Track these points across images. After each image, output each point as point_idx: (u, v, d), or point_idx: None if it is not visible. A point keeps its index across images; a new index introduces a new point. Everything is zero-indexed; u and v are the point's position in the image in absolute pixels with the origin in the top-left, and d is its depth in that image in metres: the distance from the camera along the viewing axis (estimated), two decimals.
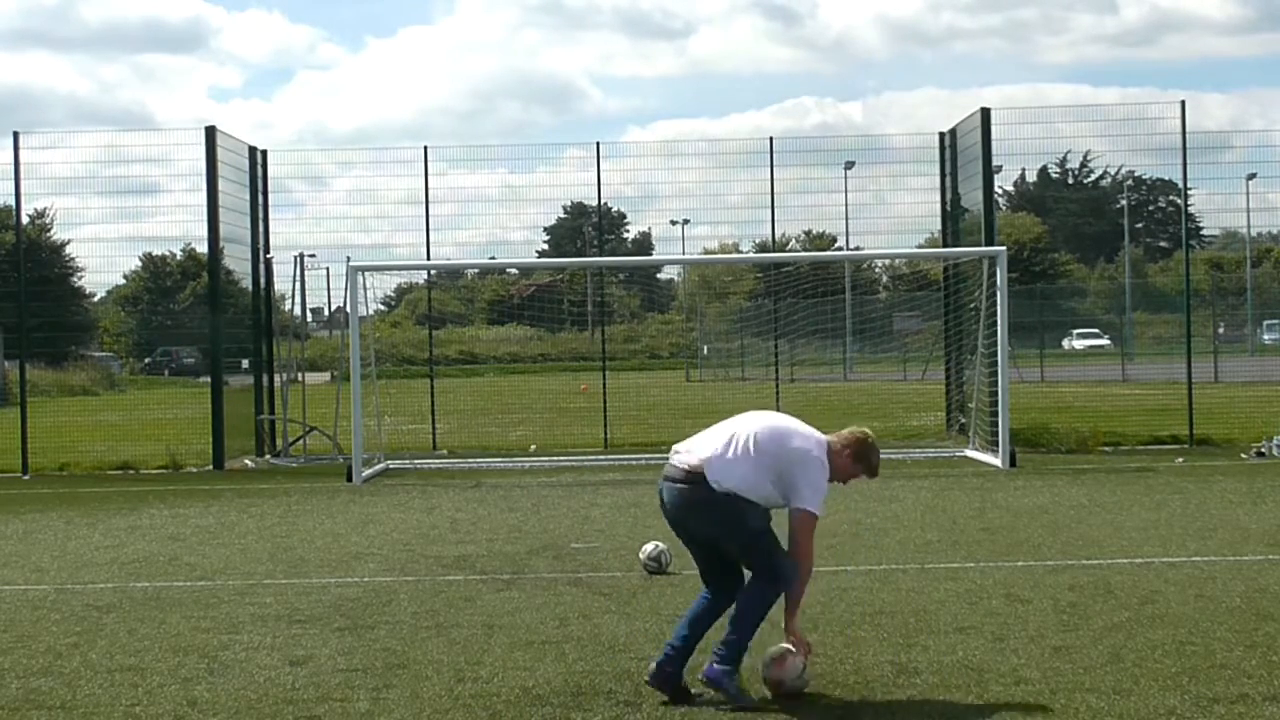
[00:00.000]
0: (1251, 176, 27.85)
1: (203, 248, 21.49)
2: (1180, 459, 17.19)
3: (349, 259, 19.11)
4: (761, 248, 28.43)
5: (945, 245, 21.51)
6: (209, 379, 20.66)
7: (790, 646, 6.45)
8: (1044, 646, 7.21)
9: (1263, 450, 17.55)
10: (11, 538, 12.43)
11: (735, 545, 6.48)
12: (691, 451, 6.53)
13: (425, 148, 21.63)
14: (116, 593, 9.41)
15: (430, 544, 11.29)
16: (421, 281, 37.56)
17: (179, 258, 43.78)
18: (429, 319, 27.85)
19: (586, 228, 60.10)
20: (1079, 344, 51.05)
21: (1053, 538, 10.91)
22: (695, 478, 6.42)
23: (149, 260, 45.86)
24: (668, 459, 6.62)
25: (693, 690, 6.39)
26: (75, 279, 34.47)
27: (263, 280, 21.17)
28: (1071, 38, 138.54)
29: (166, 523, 13.21)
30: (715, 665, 6.35)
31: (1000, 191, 69.40)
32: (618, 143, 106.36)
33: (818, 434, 6.62)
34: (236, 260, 21.02)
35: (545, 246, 58.67)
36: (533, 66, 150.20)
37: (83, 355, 37.47)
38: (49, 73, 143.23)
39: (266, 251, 21.27)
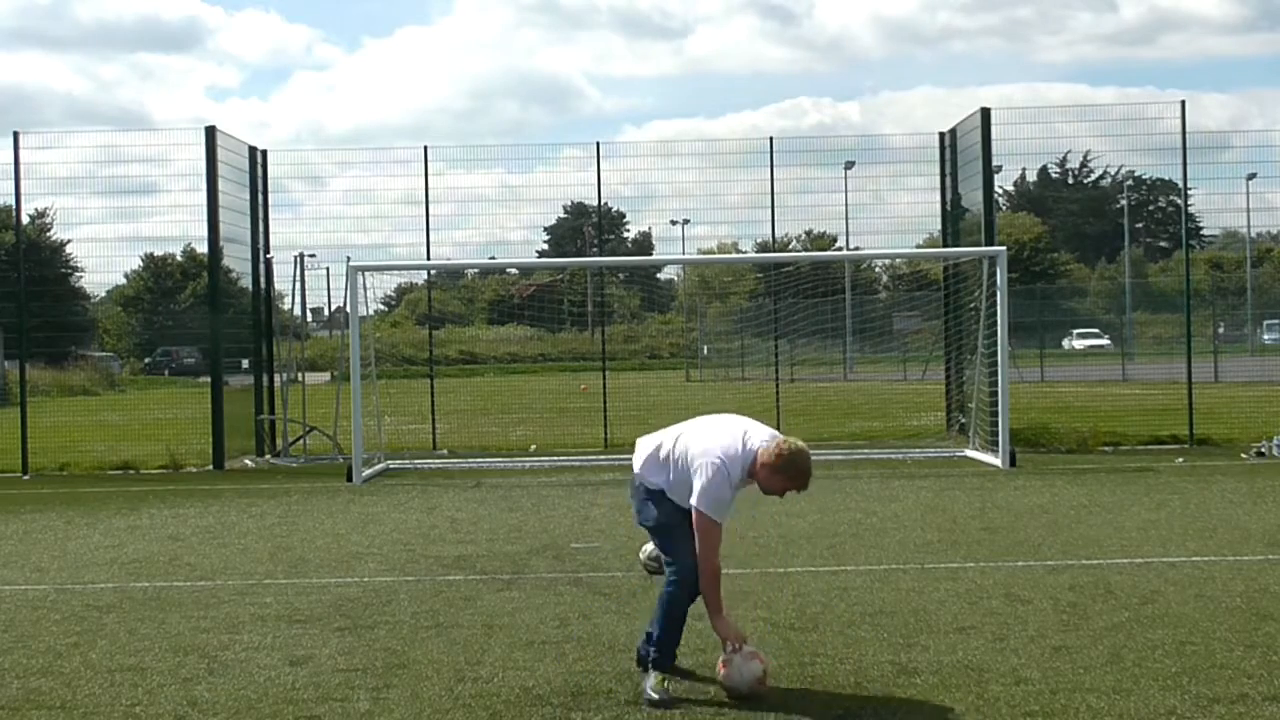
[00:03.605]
0: (1251, 176, 27.82)
1: (202, 248, 21.49)
2: (1180, 459, 17.18)
3: (349, 259, 19.10)
4: (761, 248, 28.43)
5: (945, 245, 21.50)
6: (209, 379, 20.65)
7: (732, 652, 6.46)
8: (1044, 646, 7.21)
9: (1263, 450, 17.54)
10: (11, 538, 12.43)
11: (656, 536, 6.84)
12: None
13: (425, 148, 21.64)
14: (116, 593, 9.41)
15: (430, 544, 11.29)
16: (421, 281, 37.59)
17: (179, 258, 43.80)
18: (429, 319, 27.84)
19: (586, 228, 60.10)
20: (1079, 344, 51.07)
21: (1053, 538, 10.91)
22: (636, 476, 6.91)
23: (149, 260, 45.90)
24: None
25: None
26: (75, 279, 34.49)
27: (263, 280, 21.17)
28: (1070, 37, 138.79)
29: (166, 523, 13.21)
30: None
31: (1000, 191, 69.50)
32: (617, 142, 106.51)
33: (751, 440, 6.52)
34: (236, 260, 21.02)
35: (545, 246, 58.75)
36: (530, 66, 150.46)
37: (83, 355, 37.49)
38: (45, 72, 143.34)
39: (266, 251, 21.27)
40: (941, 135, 21.38)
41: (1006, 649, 7.17)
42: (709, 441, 6.53)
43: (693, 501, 6.44)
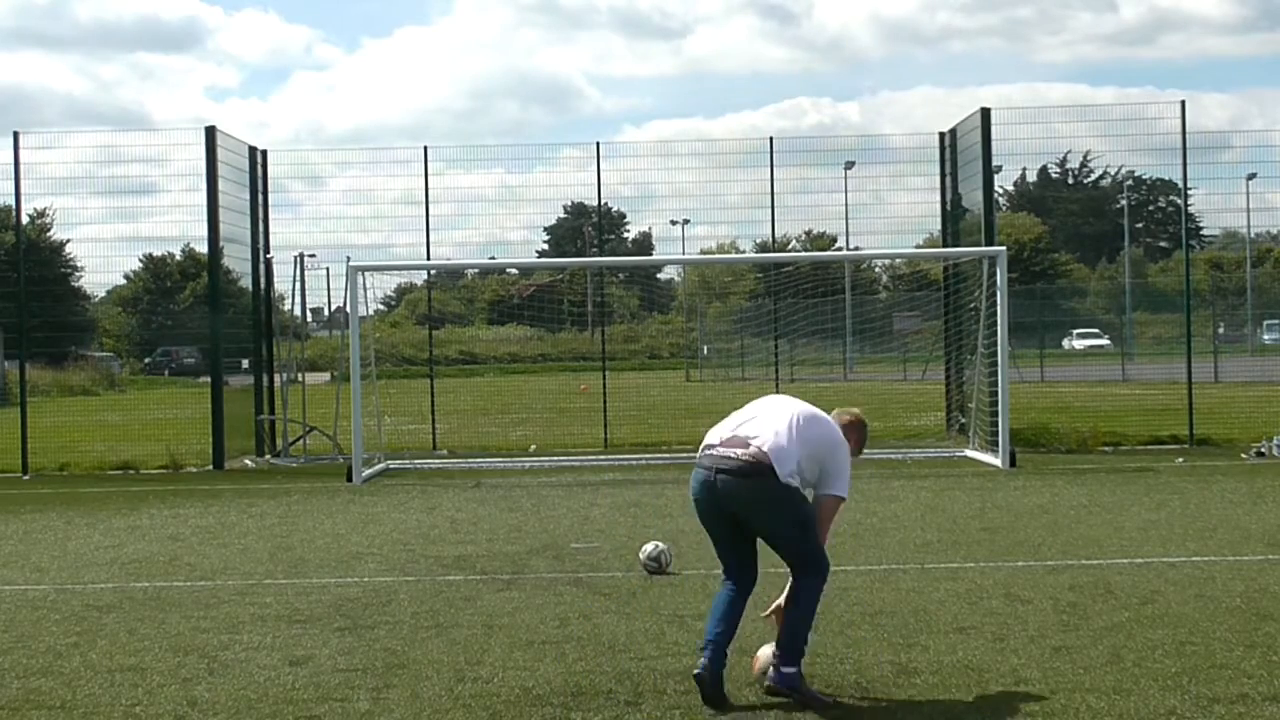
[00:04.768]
0: (1251, 176, 27.87)
1: (202, 247, 21.52)
2: (1180, 459, 17.18)
3: (349, 259, 19.12)
4: (761, 248, 28.43)
5: (945, 245, 21.51)
6: (209, 379, 20.66)
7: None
8: (1044, 646, 7.21)
9: (1263, 450, 17.54)
10: (11, 538, 12.43)
11: (792, 539, 6.40)
12: (747, 440, 6.31)
13: (425, 148, 21.65)
14: (116, 593, 9.41)
15: (430, 544, 11.29)
16: (421, 282, 37.61)
17: (179, 258, 43.77)
18: (429, 319, 27.86)
19: (586, 228, 60.11)
20: (1079, 344, 51.06)
21: (1053, 538, 10.91)
22: (760, 470, 6.23)
23: (149, 260, 45.86)
24: (704, 449, 6.44)
25: (764, 694, 6.36)
26: (75, 279, 34.47)
27: (263, 280, 21.18)
28: (1069, 37, 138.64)
29: (166, 523, 13.21)
30: (784, 670, 6.29)
31: (1000, 191, 69.42)
32: (617, 142, 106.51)
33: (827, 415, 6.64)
34: (236, 260, 21.02)
35: (545, 246, 58.70)
36: (530, 66, 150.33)
37: (83, 355, 37.47)
38: (44, 72, 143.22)
39: (266, 251, 21.27)
40: (941, 135, 21.39)
41: (1006, 649, 7.17)
42: (825, 421, 6.59)
43: (839, 489, 6.42)
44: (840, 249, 29.63)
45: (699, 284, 41.81)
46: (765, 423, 6.41)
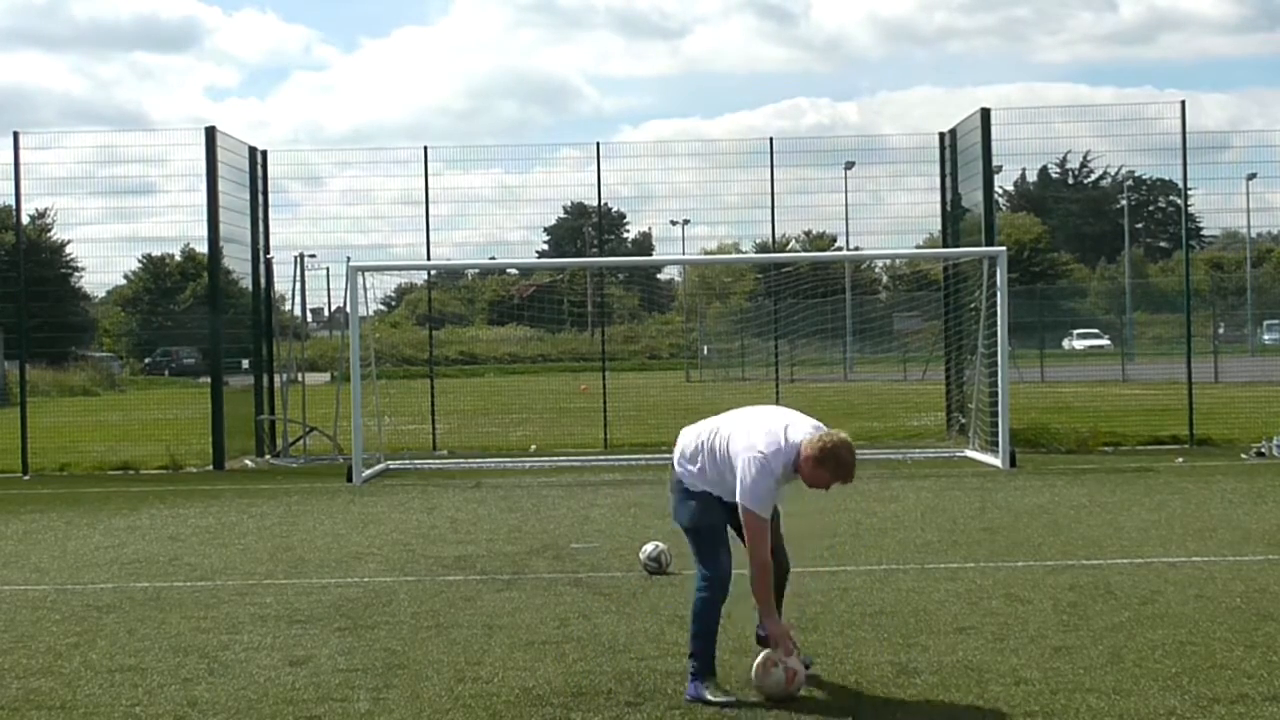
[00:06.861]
0: (1251, 176, 27.85)
1: (201, 248, 21.53)
2: (1180, 459, 17.18)
3: (349, 259, 19.11)
4: (761, 248, 28.43)
5: (945, 245, 21.51)
6: (209, 379, 20.66)
7: (770, 655, 6.37)
8: (1044, 646, 7.21)
9: (1263, 450, 17.54)
10: (11, 538, 12.43)
11: (688, 538, 6.68)
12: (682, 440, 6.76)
13: (425, 148, 21.64)
14: (116, 593, 9.41)
15: (430, 544, 11.29)
16: (421, 282, 37.63)
17: (178, 258, 43.75)
18: (429, 319, 27.86)
19: (586, 228, 60.13)
20: (1079, 344, 51.05)
21: (1053, 538, 10.91)
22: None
23: (149, 261, 45.82)
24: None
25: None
26: (75, 279, 34.47)
27: (263, 280, 21.17)
28: (1068, 36, 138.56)
29: (166, 523, 13.21)
30: (691, 686, 6.42)
31: (1000, 191, 69.42)
32: (616, 143, 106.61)
33: (794, 433, 6.36)
34: (236, 260, 21.02)
35: (545, 246, 58.73)
36: (528, 66, 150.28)
37: (83, 355, 37.49)
38: (42, 72, 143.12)
39: (266, 252, 21.27)
40: (941, 135, 21.39)
41: (1006, 649, 7.17)
42: (751, 435, 6.35)
43: (738, 498, 6.31)
44: (840, 249, 29.63)
45: (699, 284, 41.84)
46: (706, 428, 6.73)
